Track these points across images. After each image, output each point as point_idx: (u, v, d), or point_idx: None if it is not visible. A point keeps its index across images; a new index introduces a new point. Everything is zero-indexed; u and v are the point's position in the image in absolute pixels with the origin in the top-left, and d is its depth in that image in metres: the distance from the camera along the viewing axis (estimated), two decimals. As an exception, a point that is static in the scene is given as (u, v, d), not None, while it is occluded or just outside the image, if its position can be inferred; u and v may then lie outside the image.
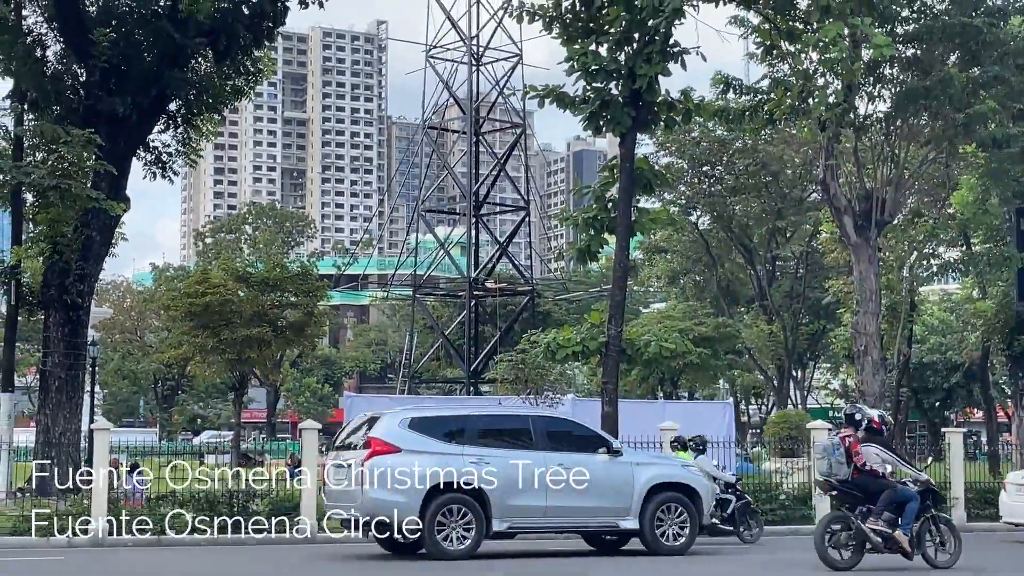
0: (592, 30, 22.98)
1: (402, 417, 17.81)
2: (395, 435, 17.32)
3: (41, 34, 29.79)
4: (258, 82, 33.15)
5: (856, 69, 26.15)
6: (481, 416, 19.46)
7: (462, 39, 59.09)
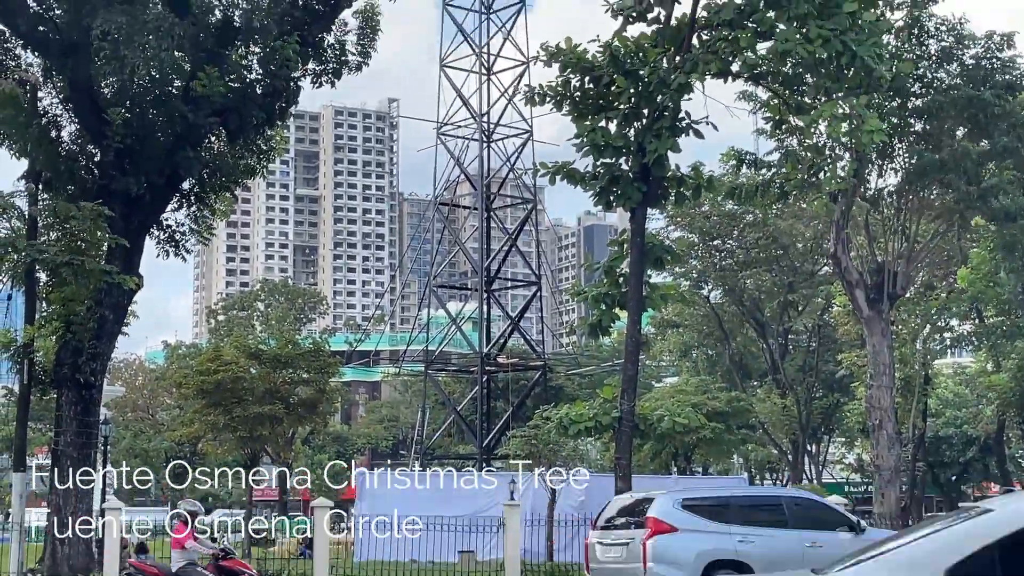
0: (601, 107, 23.15)
1: (675, 499, 19.32)
2: (671, 515, 18.80)
3: (56, 115, 30.08)
4: (271, 160, 33.37)
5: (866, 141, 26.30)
6: (741, 497, 21.25)
7: (473, 116, 59.55)
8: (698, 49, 21.91)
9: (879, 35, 21.38)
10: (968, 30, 32.89)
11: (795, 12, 19.99)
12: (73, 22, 27.47)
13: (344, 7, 30.87)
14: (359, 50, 31.46)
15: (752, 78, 24.79)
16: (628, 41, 22.33)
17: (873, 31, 20.92)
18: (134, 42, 26.25)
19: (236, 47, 29.35)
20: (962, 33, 32.70)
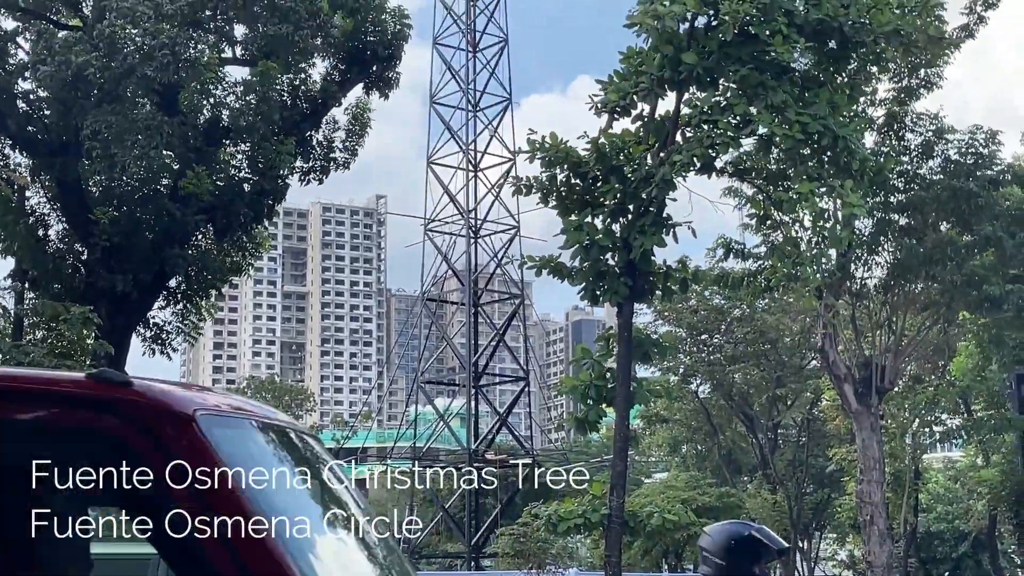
0: (587, 202, 23.23)
1: None
2: None
3: (44, 214, 30.21)
4: (258, 257, 33.49)
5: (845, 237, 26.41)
6: None
7: (460, 212, 59.91)
8: (682, 145, 22.10)
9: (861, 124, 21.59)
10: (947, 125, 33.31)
11: (773, 100, 20.19)
12: (62, 122, 27.70)
13: (333, 106, 31.22)
14: (347, 148, 31.76)
15: (736, 174, 24.97)
16: (613, 137, 22.52)
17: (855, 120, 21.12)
18: (123, 141, 26.45)
19: (224, 146, 29.61)
20: (942, 127, 33.11)
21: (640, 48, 21.56)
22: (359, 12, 29.74)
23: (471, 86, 60.40)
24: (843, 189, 20.59)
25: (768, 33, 19.59)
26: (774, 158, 22.06)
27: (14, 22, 29.77)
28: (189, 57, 26.71)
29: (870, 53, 21.04)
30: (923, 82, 32.67)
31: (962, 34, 32.63)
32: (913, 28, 20.40)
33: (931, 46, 21.76)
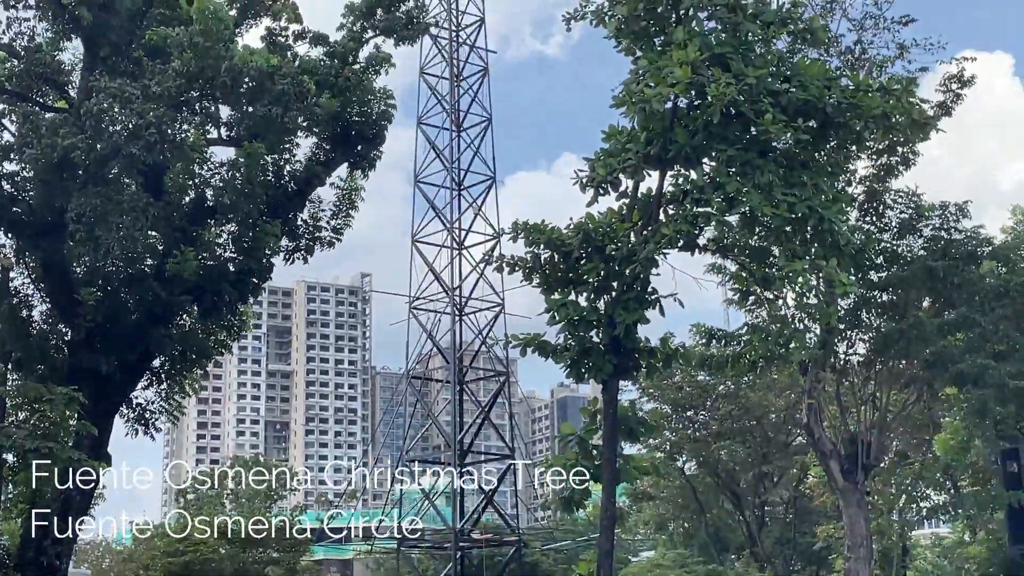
0: (571, 279, 23.35)
1: None
2: None
3: (28, 295, 30.17)
4: (242, 337, 33.43)
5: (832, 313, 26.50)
6: None
7: (445, 290, 59.95)
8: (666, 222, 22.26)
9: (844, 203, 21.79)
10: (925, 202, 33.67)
11: (759, 180, 20.38)
12: (47, 203, 27.74)
13: (318, 185, 31.39)
14: (334, 227, 31.88)
15: (719, 250, 25.12)
16: (596, 216, 22.68)
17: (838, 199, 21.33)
18: (108, 222, 26.48)
19: (209, 226, 29.68)
20: (920, 204, 33.46)
21: (624, 127, 21.82)
22: (345, 92, 30.00)
23: (455, 165, 60.75)
24: (830, 268, 20.76)
25: (754, 113, 19.84)
26: (757, 235, 22.21)
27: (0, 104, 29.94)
28: (175, 137, 26.86)
29: (851, 133, 21.31)
30: (901, 159, 33.07)
31: (939, 111, 33.09)
32: (897, 111, 20.69)
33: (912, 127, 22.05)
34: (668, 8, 21.57)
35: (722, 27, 20.98)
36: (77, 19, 27.89)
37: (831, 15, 32.69)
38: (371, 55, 31.09)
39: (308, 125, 29.84)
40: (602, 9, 22.10)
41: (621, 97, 20.85)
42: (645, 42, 21.99)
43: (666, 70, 19.84)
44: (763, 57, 20.86)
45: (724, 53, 20.17)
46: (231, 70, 26.77)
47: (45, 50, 29.68)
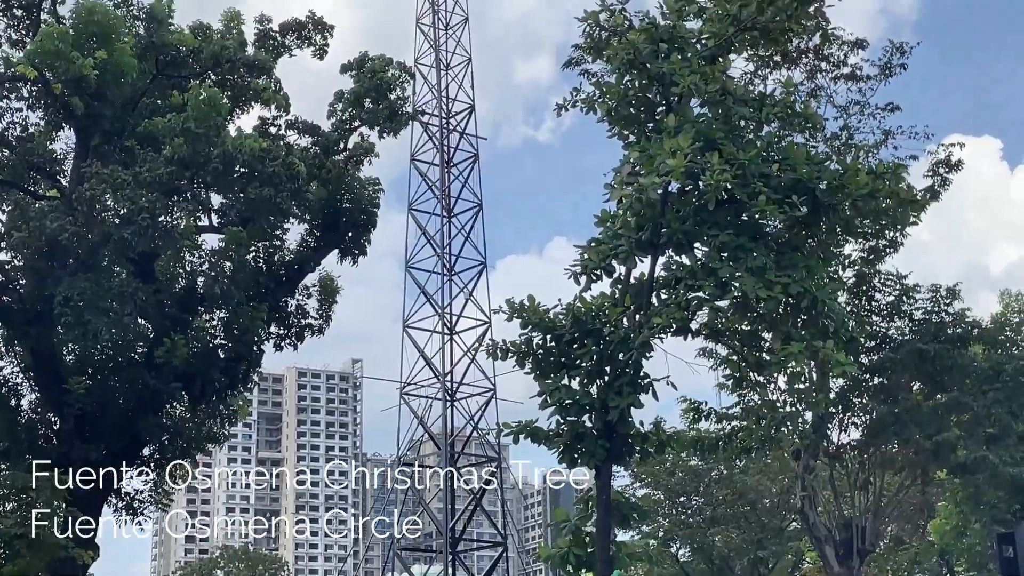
0: (563, 364, 23.27)
1: None
2: None
3: (16, 384, 29.98)
4: (233, 424, 33.18)
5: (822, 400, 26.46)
6: None
7: (436, 376, 59.79)
8: (658, 307, 22.27)
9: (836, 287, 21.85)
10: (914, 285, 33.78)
11: (752, 264, 20.42)
12: (37, 291, 27.69)
13: (308, 272, 31.38)
14: (321, 314, 31.82)
15: (711, 335, 25.10)
16: (589, 300, 22.68)
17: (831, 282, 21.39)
18: (98, 309, 26.41)
19: (200, 313, 29.61)
20: (907, 287, 33.56)
21: (615, 212, 21.90)
22: (334, 182, 30.14)
23: (446, 250, 60.98)
24: (827, 349, 20.73)
25: (747, 196, 19.93)
26: (750, 320, 22.21)
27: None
28: (167, 224, 26.90)
29: (841, 216, 21.40)
30: (890, 243, 33.21)
31: (927, 196, 33.31)
32: (885, 192, 20.82)
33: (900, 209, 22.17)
34: (658, 95, 21.77)
35: (712, 112, 21.16)
36: (69, 108, 28.07)
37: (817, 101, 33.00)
38: (357, 144, 31.31)
39: (298, 211, 29.92)
40: (592, 96, 22.29)
41: (614, 187, 20.98)
42: (636, 127, 22.17)
43: (659, 158, 19.96)
44: (753, 141, 21.03)
45: (715, 138, 20.32)
46: (223, 155, 26.91)
47: (38, 139, 29.85)
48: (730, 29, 21.70)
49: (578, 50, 23.73)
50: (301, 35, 31.68)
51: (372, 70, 31.09)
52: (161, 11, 29.62)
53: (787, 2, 21.55)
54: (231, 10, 31.24)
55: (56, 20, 28.73)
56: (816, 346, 21.22)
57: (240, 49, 30.51)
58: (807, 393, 23.05)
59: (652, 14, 22.17)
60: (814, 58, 33.27)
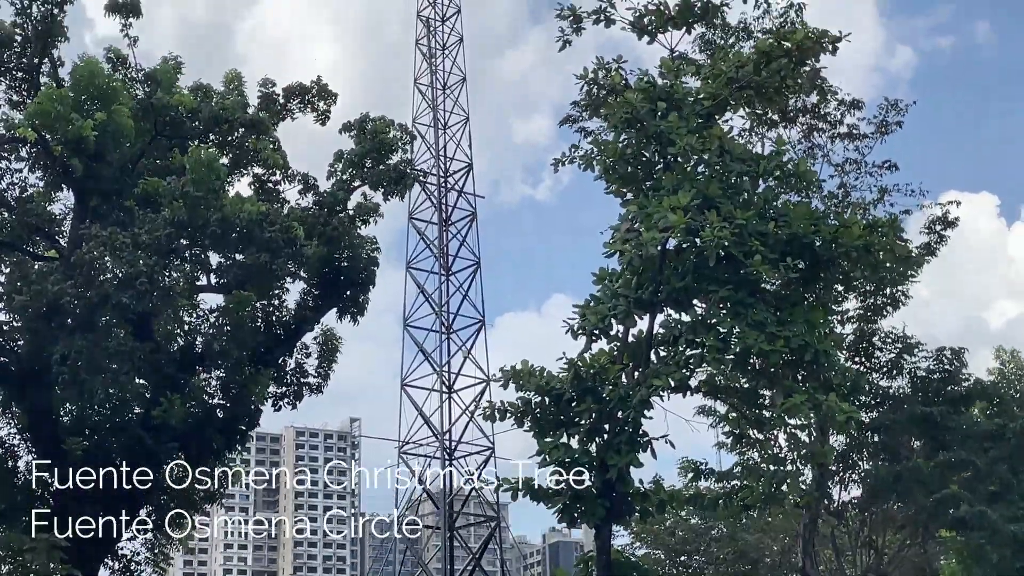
0: (562, 423, 23.20)
1: None
2: None
3: (13, 445, 29.85)
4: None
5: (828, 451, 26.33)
6: None
7: (435, 435, 59.62)
8: (657, 365, 22.23)
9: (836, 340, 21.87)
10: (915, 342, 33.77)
11: (753, 318, 20.43)
12: (35, 352, 27.63)
13: (306, 331, 31.32)
14: (320, 372, 31.74)
15: (710, 392, 25.04)
16: (587, 358, 22.65)
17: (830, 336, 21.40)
18: (95, 368, 26.35)
19: (197, 373, 29.53)
20: (910, 345, 33.55)
21: (613, 270, 21.93)
22: (334, 240, 30.15)
23: (444, 309, 61.01)
24: (830, 401, 20.69)
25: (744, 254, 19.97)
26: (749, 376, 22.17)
27: (-9, 255, 30.03)
28: (165, 285, 26.90)
29: (839, 271, 21.44)
30: (889, 300, 33.25)
31: (923, 252, 33.41)
32: (881, 247, 20.88)
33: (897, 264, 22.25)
34: (655, 153, 21.88)
35: (709, 170, 21.26)
36: (69, 170, 28.17)
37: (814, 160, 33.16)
38: (359, 204, 31.36)
39: (297, 272, 29.92)
40: (590, 154, 22.41)
41: (613, 243, 21.02)
42: (633, 185, 22.26)
43: (657, 215, 20.02)
44: (751, 199, 21.11)
45: (713, 196, 20.40)
46: (221, 220, 26.96)
47: (36, 200, 29.93)
48: (726, 89, 21.85)
49: (576, 108, 23.93)
50: (304, 100, 31.90)
51: (373, 131, 31.24)
52: (165, 73, 29.84)
53: (782, 63, 21.72)
54: (232, 72, 31.48)
55: (56, 82, 28.90)
56: (818, 399, 21.20)
57: (241, 110, 30.68)
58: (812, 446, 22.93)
59: (651, 73, 22.37)
60: (811, 117, 33.50)
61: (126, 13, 29.36)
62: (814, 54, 22.17)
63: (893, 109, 33.56)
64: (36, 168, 29.81)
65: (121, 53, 30.34)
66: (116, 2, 29.29)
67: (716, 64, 22.43)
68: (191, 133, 30.08)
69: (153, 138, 29.64)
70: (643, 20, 22.96)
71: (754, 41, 25.31)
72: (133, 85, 30.14)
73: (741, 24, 28.78)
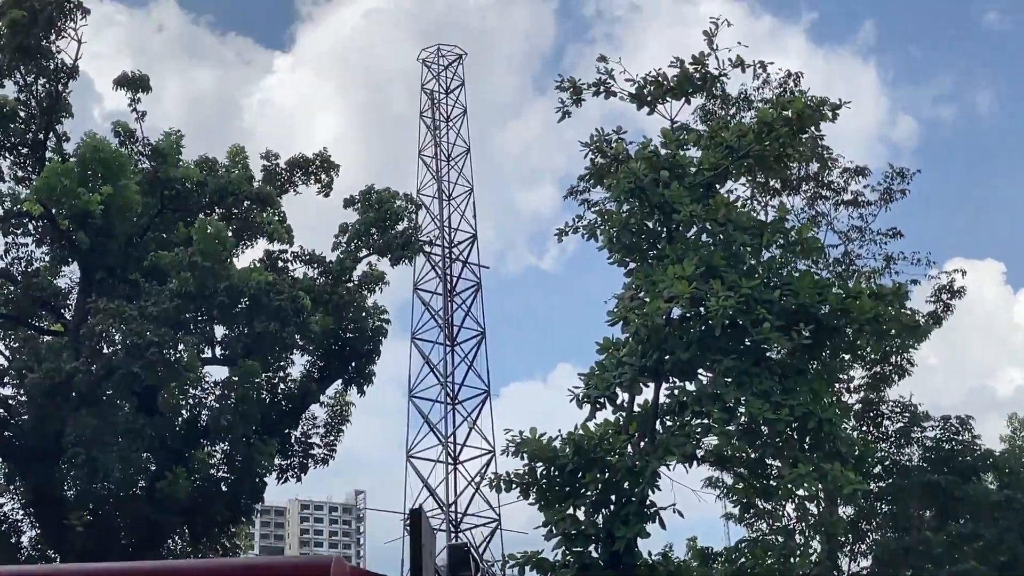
0: (568, 494, 23.03)
1: None
2: None
3: (17, 521, 29.71)
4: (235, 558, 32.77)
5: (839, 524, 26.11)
6: None
7: (440, 506, 59.28)
8: (663, 436, 22.11)
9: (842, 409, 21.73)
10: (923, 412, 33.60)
11: (759, 388, 20.35)
12: (40, 427, 27.58)
13: (312, 402, 31.27)
14: (326, 444, 31.64)
15: (718, 463, 24.88)
16: (593, 429, 22.54)
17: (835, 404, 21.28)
18: (104, 444, 26.30)
19: (203, 446, 29.44)
20: (918, 415, 33.39)
21: (617, 339, 21.87)
22: (340, 311, 30.20)
23: (449, 379, 60.93)
24: (836, 470, 20.53)
25: (750, 322, 19.93)
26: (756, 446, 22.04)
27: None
28: (171, 357, 26.90)
29: (844, 340, 21.39)
30: (896, 368, 33.14)
31: (930, 321, 33.34)
32: (887, 316, 20.84)
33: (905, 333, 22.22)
34: (658, 223, 21.93)
35: (713, 239, 21.29)
36: (75, 243, 28.29)
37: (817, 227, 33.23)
38: (365, 273, 31.45)
39: (303, 343, 29.94)
40: (594, 224, 22.44)
41: (618, 312, 20.99)
42: (637, 255, 22.27)
43: (662, 284, 20.02)
44: (755, 268, 21.11)
45: (717, 265, 20.40)
46: (229, 289, 27.02)
47: (43, 274, 30.03)
48: (728, 159, 21.95)
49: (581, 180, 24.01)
50: (307, 172, 32.12)
51: (379, 201, 31.42)
52: (168, 147, 30.06)
53: (783, 131, 21.82)
54: (236, 146, 31.74)
55: (61, 157, 29.11)
56: (824, 468, 21.06)
57: (246, 183, 30.88)
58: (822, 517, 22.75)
59: (654, 142, 22.47)
60: (815, 185, 33.61)
61: (135, 88, 29.67)
62: (814, 123, 22.28)
63: (898, 176, 33.69)
64: (42, 242, 29.96)
65: (128, 127, 30.60)
66: (125, 76, 29.61)
67: (717, 133, 22.55)
68: (197, 206, 30.26)
69: (159, 211, 29.79)
70: (643, 91, 23.09)
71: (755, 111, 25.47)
72: (140, 159, 30.37)
73: (741, 95, 29.00)
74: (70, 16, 28.82)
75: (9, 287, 29.97)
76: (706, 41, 22.65)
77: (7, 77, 29.19)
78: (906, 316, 21.49)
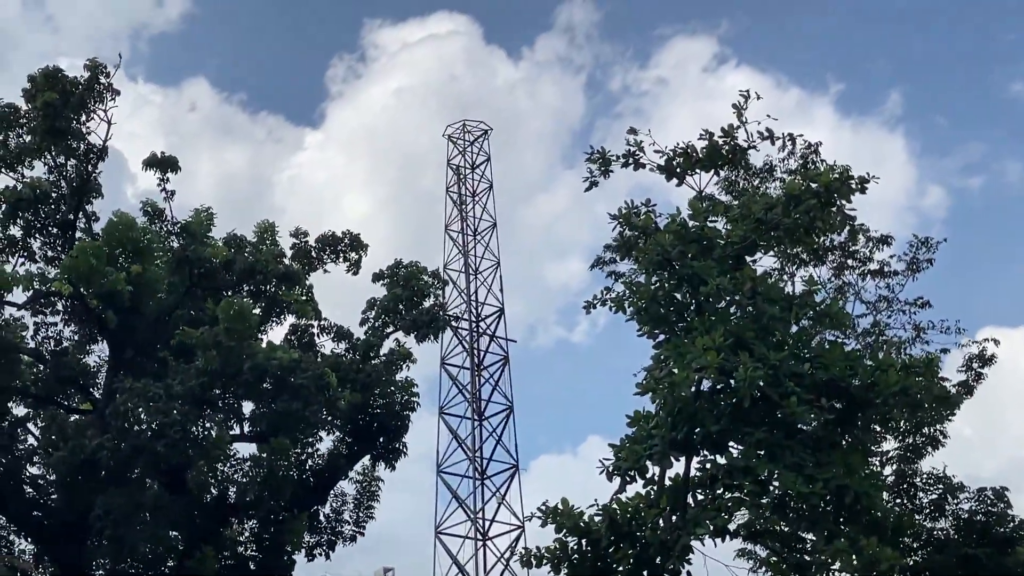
0: (600, 569, 22.77)
1: None
2: None
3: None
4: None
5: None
6: None
7: None
8: (695, 509, 21.87)
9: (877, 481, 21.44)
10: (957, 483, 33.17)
11: (791, 461, 20.15)
12: (69, 507, 27.55)
13: (340, 479, 31.15)
14: (355, 521, 31.47)
15: (750, 536, 24.56)
16: (624, 502, 22.32)
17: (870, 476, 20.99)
18: (132, 523, 26.23)
19: (231, 524, 29.34)
20: (952, 486, 32.96)
21: (648, 411, 21.71)
22: (368, 387, 30.15)
23: (478, 454, 60.57)
24: (872, 544, 20.24)
25: (779, 395, 19.75)
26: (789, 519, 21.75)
27: (25, 408, 30.15)
28: (198, 435, 26.89)
29: (876, 413, 21.17)
30: (929, 440, 32.76)
31: (962, 391, 32.98)
32: (919, 388, 20.61)
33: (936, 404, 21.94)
34: (687, 295, 21.85)
35: (742, 312, 21.18)
36: (103, 323, 28.43)
37: (844, 298, 33.01)
38: (392, 350, 31.44)
39: (330, 419, 29.87)
40: (622, 296, 22.37)
41: (646, 383, 20.86)
42: (665, 327, 22.17)
43: (690, 355, 19.90)
44: (784, 340, 20.98)
45: (746, 337, 20.28)
46: (254, 367, 27.05)
47: (71, 353, 30.15)
48: (756, 231, 21.90)
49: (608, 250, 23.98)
50: (336, 251, 32.27)
51: (406, 277, 31.50)
52: (198, 225, 30.28)
53: (811, 203, 21.79)
54: (264, 222, 31.93)
55: (90, 237, 29.33)
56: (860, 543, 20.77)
57: (274, 261, 31.01)
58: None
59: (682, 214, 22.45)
60: (841, 255, 33.47)
61: (164, 168, 29.97)
62: (844, 196, 22.23)
63: (924, 246, 33.52)
64: (71, 321, 30.11)
65: (158, 206, 30.89)
66: (154, 157, 29.93)
67: (746, 205, 22.52)
68: (225, 284, 30.39)
69: (188, 289, 29.94)
70: (672, 163, 23.13)
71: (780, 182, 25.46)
72: (168, 237, 30.58)
73: (766, 165, 29.00)
74: (101, 98, 29.19)
75: (38, 367, 30.07)
76: (735, 114, 22.70)
77: (39, 158, 29.53)
78: (937, 388, 21.20)
